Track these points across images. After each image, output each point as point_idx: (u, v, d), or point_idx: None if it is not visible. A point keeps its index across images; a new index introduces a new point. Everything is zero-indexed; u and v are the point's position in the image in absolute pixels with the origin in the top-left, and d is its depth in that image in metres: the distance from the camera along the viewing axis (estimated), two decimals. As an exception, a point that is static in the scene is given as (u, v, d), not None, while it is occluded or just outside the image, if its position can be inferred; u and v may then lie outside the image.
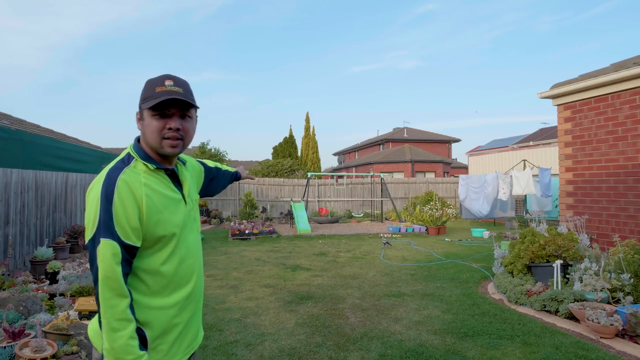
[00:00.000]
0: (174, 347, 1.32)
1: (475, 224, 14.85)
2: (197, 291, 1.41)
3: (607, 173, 5.98)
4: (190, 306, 1.37)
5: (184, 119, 1.31)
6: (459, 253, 8.48)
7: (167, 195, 1.31)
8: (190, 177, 1.49)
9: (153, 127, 1.27)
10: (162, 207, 1.27)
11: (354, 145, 40.34)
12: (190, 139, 1.35)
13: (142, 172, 1.28)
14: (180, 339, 1.34)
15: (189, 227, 1.38)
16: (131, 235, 1.19)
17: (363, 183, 18.31)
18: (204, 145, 18.33)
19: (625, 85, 5.67)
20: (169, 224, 1.28)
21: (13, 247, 5.99)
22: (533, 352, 3.43)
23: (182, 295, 1.33)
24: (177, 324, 1.32)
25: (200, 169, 1.65)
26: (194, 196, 1.48)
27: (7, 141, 6.61)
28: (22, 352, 2.64)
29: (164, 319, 1.28)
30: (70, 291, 4.71)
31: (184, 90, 1.30)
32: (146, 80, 1.32)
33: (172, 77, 1.30)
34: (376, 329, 4.05)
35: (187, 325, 1.37)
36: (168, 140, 1.28)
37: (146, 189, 1.25)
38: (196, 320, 1.43)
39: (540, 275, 5.00)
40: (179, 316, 1.32)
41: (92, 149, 10.85)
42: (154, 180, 1.29)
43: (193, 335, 1.41)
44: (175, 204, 1.32)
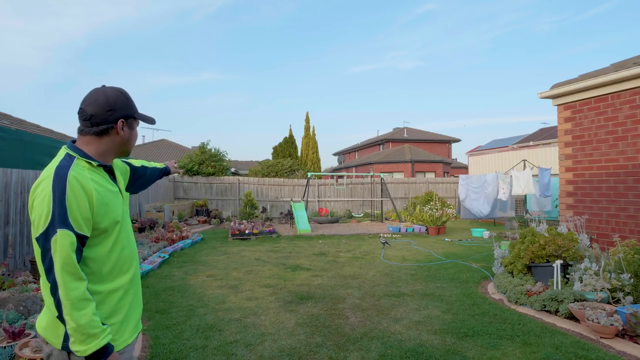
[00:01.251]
0: (122, 327, 1.46)
1: (475, 224, 14.85)
2: (137, 275, 1.57)
3: (607, 173, 5.98)
4: (132, 289, 1.52)
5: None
6: (459, 253, 8.48)
7: (109, 188, 1.46)
8: (121, 172, 1.67)
9: (134, 137, 1.56)
10: (107, 200, 1.42)
11: (354, 145, 40.34)
12: None
13: (86, 169, 1.42)
14: (126, 320, 1.48)
15: (126, 218, 1.55)
16: (83, 226, 1.32)
17: (363, 183, 18.31)
18: (204, 145, 18.31)
19: (625, 85, 5.67)
20: (113, 214, 1.43)
21: (13, 247, 5.99)
22: (533, 352, 3.43)
23: (126, 280, 1.49)
24: (122, 306, 1.47)
25: (125, 168, 1.75)
26: (125, 192, 1.64)
27: (7, 141, 6.61)
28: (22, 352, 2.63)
29: (111, 302, 1.43)
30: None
31: None
32: (123, 93, 1.51)
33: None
34: (376, 329, 4.05)
35: (132, 307, 1.52)
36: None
37: (94, 183, 1.39)
38: (138, 303, 1.58)
39: (540, 275, 5.00)
40: (124, 299, 1.47)
41: (92, 149, 10.84)
42: (97, 176, 1.44)
43: (137, 317, 1.56)
44: (115, 197, 1.48)
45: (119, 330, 1.45)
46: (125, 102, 1.50)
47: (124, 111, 1.48)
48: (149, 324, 4.22)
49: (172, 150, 28.72)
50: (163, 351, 3.51)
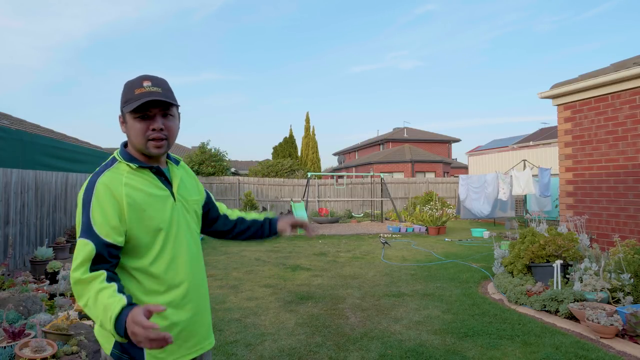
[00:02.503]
0: (173, 346, 1.30)
1: (475, 224, 14.85)
2: (194, 291, 1.38)
3: (607, 173, 5.98)
4: (188, 306, 1.35)
5: (166, 118, 1.30)
6: (459, 253, 8.48)
7: (152, 192, 1.30)
8: (186, 176, 1.49)
9: (137, 130, 1.28)
10: (145, 205, 1.27)
11: (354, 145, 40.33)
12: (174, 138, 1.35)
13: (125, 172, 1.30)
14: (180, 339, 1.33)
15: (181, 225, 1.36)
16: (112, 234, 1.21)
17: (363, 183, 18.31)
18: (204, 145, 18.31)
19: (625, 85, 5.67)
20: (154, 220, 1.28)
21: (13, 247, 5.99)
22: (533, 352, 3.43)
23: (177, 295, 1.32)
24: (174, 323, 1.31)
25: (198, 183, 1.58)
26: (189, 196, 1.44)
27: (7, 141, 6.60)
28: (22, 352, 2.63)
29: (159, 320, 1.28)
30: (70, 291, 4.71)
31: (163, 89, 1.30)
32: (124, 83, 1.32)
33: (149, 78, 1.31)
34: (376, 329, 4.05)
35: (189, 326, 1.36)
36: (153, 142, 1.29)
37: (127, 188, 1.26)
38: (201, 322, 1.41)
39: (540, 275, 5.00)
40: (175, 315, 1.32)
41: (92, 149, 10.84)
42: (138, 179, 1.30)
43: (199, 338, 1.40)
44: (161, 201, 1.32)
45: (166, 349, 1.28)
46: (122, 95, 1.32)
47: (121, 105, 1.32)
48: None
49: (172, 150, 28.71)
50: (163, 351, 3.51)
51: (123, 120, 1.33)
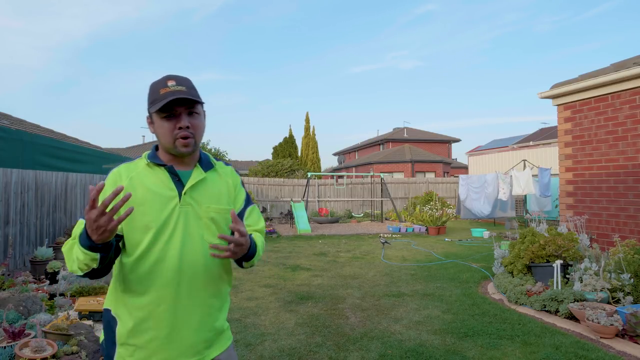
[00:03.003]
0: (142, 351, 1.27)
1: (475, 224, 14.85)
2: (178, 300, 1.27)
3: (607, 173, 5.98)
4: (165, 315, 1.26)
5: (191, 116, 1.31)
6: (459, 253, 8.48)
7: (155, 190, 1.29)
8: (216, 182, 1.41)
9: (165, 129, 1.29)
10: (142, 200, 1.26)
11: (354, 145, 40.33)
12: (200, 135, 1.35)
13: (141, 167, 1.33)
14: (150, 348, 1.27)
15: (178, 228, 1.29)
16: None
17: (363, 183, 18.31)
18: (203, 145, 18.31)
19: (625, 85, 5.67)
20: (146, 217, 1.26)
21: (13, 247, 5.99)
22: (533, 352, 3.43)
23: (155, 302, 1.26)
24: (147, 330, 1.26)
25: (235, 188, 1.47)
26: (206, 201, 1.35)
27: (7, 141, 6.59)
28: (22, 352, 2.63)
29: (132, 321, 1.27)
30: (70, 291, 4.71)
31: (187, 87, 1.31)
32: (150, 84, 1.34)
33: (173, 77, 1.32)
34: (376, 329, 4.05)
35: (159, 337, 1.26)
36: (180, 140, 1.29)
37: (130, 181, 1.29)
38: (178, 337, 1.28)
39: (540, 275, 5.00)
40: (147, 321, 1.26)
41: (92, 149, 10.84)
42: (148, 176, 1.31)
43: (173, 354, 1.28)
44: (162, 200, 1.29)
45: (133, 354, 1.27)
46: (148, 96, 1.33)
47: (148, 106, 1.33)
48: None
49: (172, 150, 28.69)
50: (163, 351, 3.51)
51: (151, 121, 1.34)
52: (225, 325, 1.48)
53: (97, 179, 9.26)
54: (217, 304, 1.40)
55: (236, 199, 1.46)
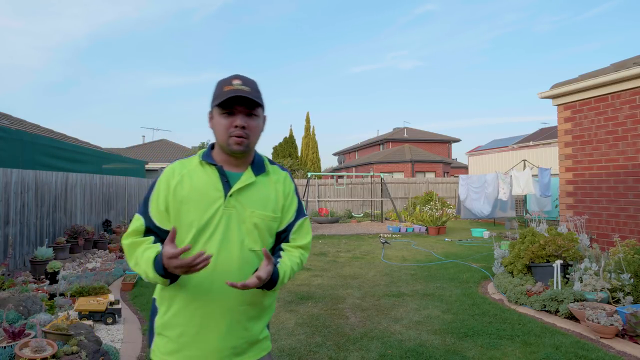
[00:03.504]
0: (173, 343, 1.30)
1: (475, 224, 14.85)
2: (209, 303, 1.28)
3: (607, 173, 5.98)
4: (196, 313, 1.28)
5: (250, 117, 1.31)
6: (459, 253, 8.48)
7: (202, 189, 1.31)
8: (266, 187, 1.38)
9: (221, 125, 1.30)
10: (188, 198, 1.29)
11: (354, 145, 40.33)
12: (256, 137, 1.34)
13: (194, 165, 1.36)
14: (182, 342, 1.29)
15: (219, 230, 1.29)
16: (159, 217, 1.31)
17: (363, 183, 18.31)
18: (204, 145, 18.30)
19: (625, 85, 5.67)
20: (190, 215, 1.28)
21: (13, 247, 5.99)
22: (533, 352, 3.43)
23: (187, 299, 1.28)
24: (178, 325, 1.29)
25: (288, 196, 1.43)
26: (252, 206, 1.33)
27: (7, 141, 6.60)
28: (22, 352, 2.63)
29: (167, 314, 1.32)
30: (70, 291, 4.71)
31: (251, 89, 1.31)
32: (217, 81, 1.36)
33: (240, 77, 1.33)
34: (376, 329, 4.05)
35: (194, 341, 1.28)
36: (234, 138, 1.29)
37: (181, 177, 1.32)
38: (205, 336, 1.28)
39: (540, 275, 5.00)
40: (179, 316, 1.29)
41: (92, 149, 10.84)
42: (199, 174, 1.33)
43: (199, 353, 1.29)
44: (207, 200, 1.30)
45: (166, 345, 1.30)
46: (213, 92, 1.34)
47: (211, 101, 1.34)
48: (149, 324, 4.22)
49: (172, 150, 28.70)
50: (163, 351, 3.51)
51: (211, 116, 1.35)
52: (262, 335, 1.41)
53: (97, 179, 9.27)
54: (251, 312, 1.35)
55: (288, 209, 1.42)
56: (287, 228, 1.42)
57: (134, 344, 3.63)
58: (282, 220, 1.41)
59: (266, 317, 1.42)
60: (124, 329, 3.94)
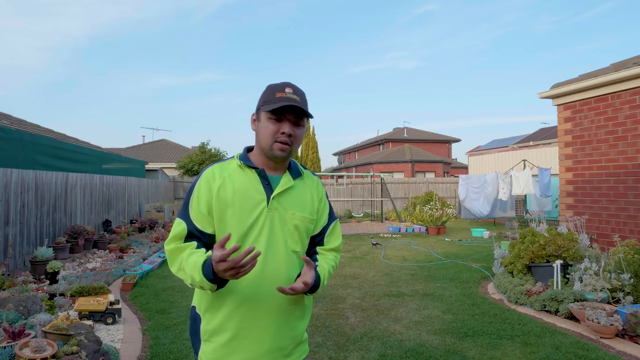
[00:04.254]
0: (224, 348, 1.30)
1: (475, 224, 14.85)
2: (254, 305, 1.29)
3: (607, 173, 5.98)
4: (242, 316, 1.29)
5: (296, 126, 1.35)
6: (459, 253, 8.48)
7: (245, 192, 1.33)
8: (303, 189, 1.43)
9: (268, 130, 1.32)
10: (232, 202, 1.30)
11: (354, 145, 40.33)
12: (298, 146, 1.38)
13: (233, 167, 1.37)
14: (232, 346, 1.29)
15: (264, 232, 1.31)
16: (202, 221, 1.30)
17: (363, 183, 18.31)
18: (204, 145, 18.30)
19: (625, 85, 5.67)
20: (235, 217, 1.30)
21: (13, 247, 5.99)
22: (533, 352, 3.43)
23: (236, 303, 1.28)
24: (227, 330, 1.30)
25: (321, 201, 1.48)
26: (291, 208, 1.36)
27: (7, 141, 6.61)
28: (22, 352, 2.63)
29: (215, 320, 1.31)
30: (70, 291, 4.71)
31: (301, 99, 1.35)
32: (267, 85, 1.38)
33: (291, 85, 1.35)
34: (376, 329, 4.05)
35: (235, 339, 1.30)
36: (279, 144, 1.32)
37: (223, 180, 1.33)
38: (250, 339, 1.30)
39: (540, 275, 5.00)
40: (229, 322, 1.30)
41: (92, 149, 10.84)
42: (240, 177, 1.35)
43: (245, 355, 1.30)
44: (252, 203, 1.32)
45: (216, 351, 1.30)
46: (263, 95, 1.37)
47: (260, 103, 1.37)
48: (149, 324, 4.22)
49: (172, 150, 28.71)
50: (163, 351, 3.51)
51: (256, 119, 1.39)
52: (304, 336, 1.44)
53: (97, 179, 9.27)
54: (297, 312, 1.38)
55: (322, 213, 1.47)
56: (321, 232, 1.47)
57: (134, 344, 3.63)
58: (317, 224, 1.45)
59: (307, 316, 1.46)
60: (124, 329, 3.94)
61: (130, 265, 6.63)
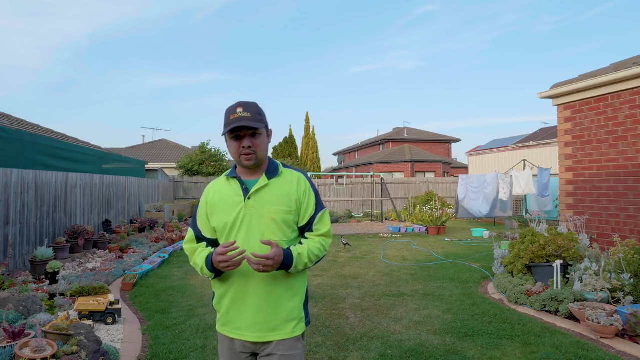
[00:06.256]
0: (225, 317, 1.64)
1: (475, 224, 14.85)
2: (241, 281, 1.58)
3: (607, 173, 5.98)
4: (231, 290, 1.60)
5: (254, 137, 1.58)
6: (459, 253, 8.48)
7: (227, 198, 1.63)
8: (279, 188, 1.63)
9: (232, 148, 1.61)
10: (218, 208, 1.64)
11: (354, 145, 40.32)
12: (262, 151, 1.60)
13: (222, 181, 1.70)
14: (231, 317, 1.62)
15: (243, 226, 1.59)
16: (205, 229, 1.68)
17: (363, 183, 18.30)
18: (203, 145, 18.31)
19: (625, 85, 5.67)
20: (222, 218, 1.61)
21: (13, 247, 5.99)
22: (533, 352, 3.43)
23: (229, 282, 1.61)
24: (224, 304, 1.63)
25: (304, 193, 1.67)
26: (266, 204, 1.59)
27: (7, 141, 6.61)
28: (22, 352, 2.63)
29: (218, 296, 1.67)
30: (70, 291, 4.71)
31: (252, 113, 1.57)
32: (225, 109, 1.62)
33: (242, 104, 1.59)
34: (376, 329, 4.05)
35: (230, 310, 1.61)
36: (244, 156, 1.58)
37: (213, 193, 1.68)
38: (240, 311, 1.60)
39: (540, 275, 5.00)
40: (224, 298, 1.63)
41: (92, 149, 10.84)
42: (225, 187, 1.67)
43: (238, 324, 1.60)
44: (231, 205, 1.61)
45: (221, 318, 1.66)
46: (224, 119, 1.61)
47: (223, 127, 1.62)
48: (149, 324, 4.22)
49: (172, 150, 28.70)
50: (163, 351, 3.51)
51: (226, 140, 1.64)
52: (295, 315, 1.62)
53: (97, 179, 9.27)
54: (279, 291, 1.59)
55: (308, 204, 1.67)
56: (309, 221, 1.67)
57: (134, 344, 3.63)
58: (304, 215, 1.65)
59: (297, 298, 1.63)
60: (124, 329, 3.94)
61: (130, 265, 6.63)
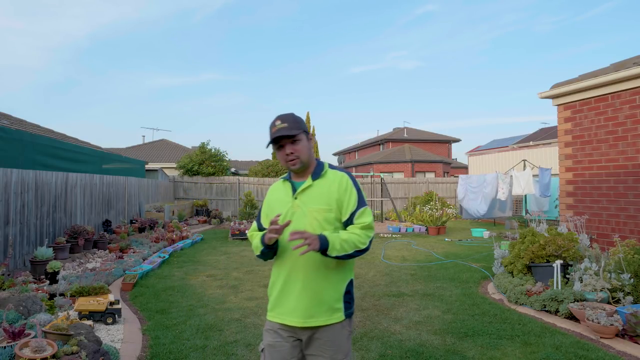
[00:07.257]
0: (272, 303, 1.85)
1: (475, 224, 14.85)
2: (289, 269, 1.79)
3: (607, 173, 5.98)
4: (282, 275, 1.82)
5: (294, 143, 1.78)
6: (459, 253, 8.48)
7: (280, 197, 1.90)
8: (321, 188, 1.82)
9: (279, 156, 1.84)
10: (272, 205, 1.92)
11: (354, 145, 40.31)
12: (305, 155, 1.80)
13: (280, 183, 1.96)
14: (274, 302, 1.84)
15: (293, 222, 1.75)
16: (264, 222, 1.94)
17: (363, 183, 18.29)
18: (204, 145, 18.30)
19: (625, 85, 5.67)
20: (274, 214, 1.78)
21: (13, 247, 5.99)
22: (533, 352, 3.43)
23: (279, 270, 1.85)
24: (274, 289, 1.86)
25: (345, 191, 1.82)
26: (310, 203, 1.79)
27: (7, 141, 6.61)
28: (22, 352, 2.63)
29: (270, 281, 1.90)
30: (70, 291, 4.71)
31: (289, 123, 1.77)
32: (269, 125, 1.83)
33: (279, 117, 1.80)
34: (376, 329, 4.05)
35: (280, 295, 1.81)
36: (289, 162, 1.80)
37: (271, 193, 1.97)
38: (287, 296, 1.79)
39: (540, 275, 5.00)
40: (275, 285, 1.85)
41: (92, 149, 10.84)
42: (280, 189, 1.93)
43: (284, 309, 1.79)
44: (282, 203, 1.86)
45: (271, 303, 1.87)
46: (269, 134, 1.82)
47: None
48: (149, 324, 4.22)
49: (172, 150, 28.70)
50: (163, 351, 3.51)
51: (274, 151, 1.87)
52: (337, 304, 1.78)
53: (97, 179, 9.27)
54: (319, 280, 1.76)
55: (348, 202, 1.81)
56: (350, 216, 1.81)
57: (134, 344, 3.63)
58: (345, 211, 1.81)
59: (338, 287, 1.80)
60: (124, 329, 3.94)
61: (130, 265, 6.63)
